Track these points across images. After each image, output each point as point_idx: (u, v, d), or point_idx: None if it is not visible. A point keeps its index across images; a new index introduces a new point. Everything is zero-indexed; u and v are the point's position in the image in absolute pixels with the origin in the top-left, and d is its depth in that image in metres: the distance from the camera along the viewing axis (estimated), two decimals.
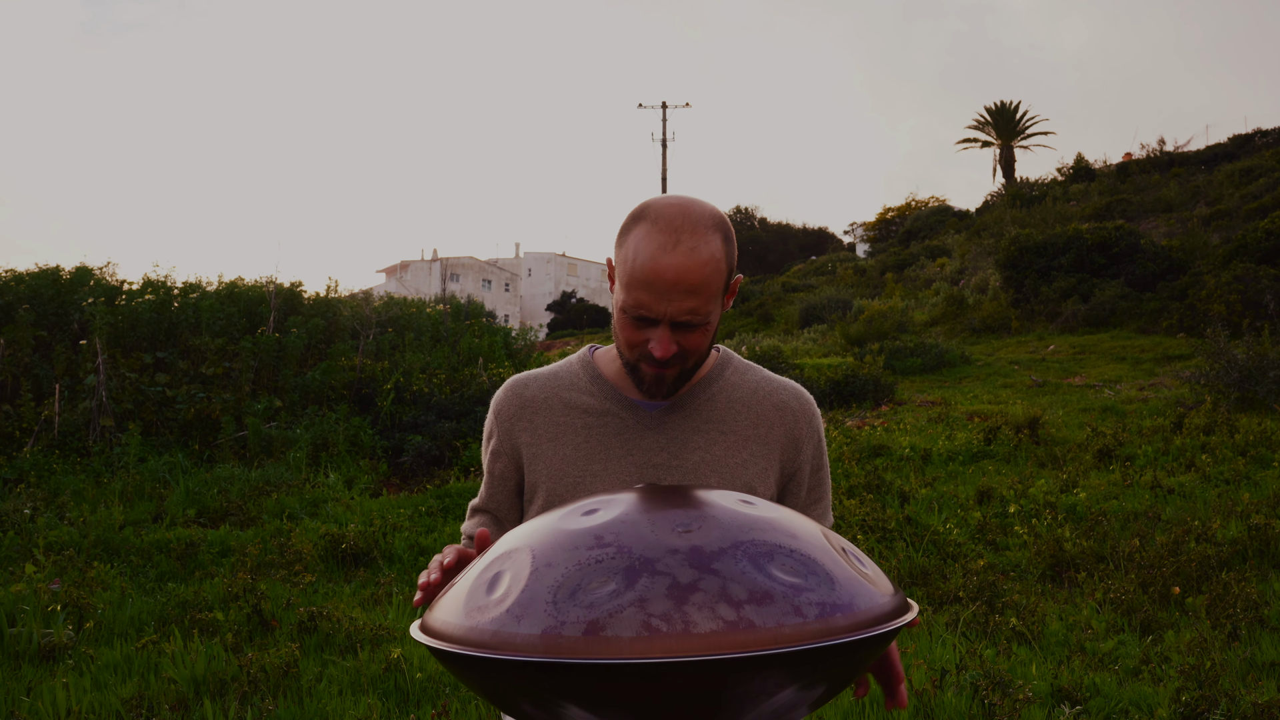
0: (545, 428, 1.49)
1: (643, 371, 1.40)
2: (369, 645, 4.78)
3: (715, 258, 1.32)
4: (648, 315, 1.33)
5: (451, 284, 50.52)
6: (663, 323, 1.33)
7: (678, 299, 1.31)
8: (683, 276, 1.30)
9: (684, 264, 1.30)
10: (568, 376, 1.53)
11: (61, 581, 5.65)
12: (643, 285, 1.31)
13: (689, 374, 1.43)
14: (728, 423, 1.49)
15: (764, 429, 1.50)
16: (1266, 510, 6.58)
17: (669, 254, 1.30)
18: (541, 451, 1.48)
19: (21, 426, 9.41)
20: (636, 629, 0.79)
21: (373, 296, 16.14)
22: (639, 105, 42.11)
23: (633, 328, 1.36)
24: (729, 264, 1.37)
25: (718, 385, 1.51)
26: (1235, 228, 21.30)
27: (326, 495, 8.19)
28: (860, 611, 0.86)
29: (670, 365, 1.38)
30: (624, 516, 0.91)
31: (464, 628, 0.87)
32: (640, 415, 1.47)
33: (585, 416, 1.48)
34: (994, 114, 39.76)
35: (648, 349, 1.36)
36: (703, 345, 1.39)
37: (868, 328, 19.46)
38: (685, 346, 1.37)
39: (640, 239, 1.33)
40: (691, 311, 1.32)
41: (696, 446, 1.46)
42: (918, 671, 4.00)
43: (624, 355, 1.42)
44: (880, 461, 9.03)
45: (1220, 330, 11.56)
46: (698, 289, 1.31)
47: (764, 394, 1.53)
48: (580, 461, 1.46)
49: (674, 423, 1.47)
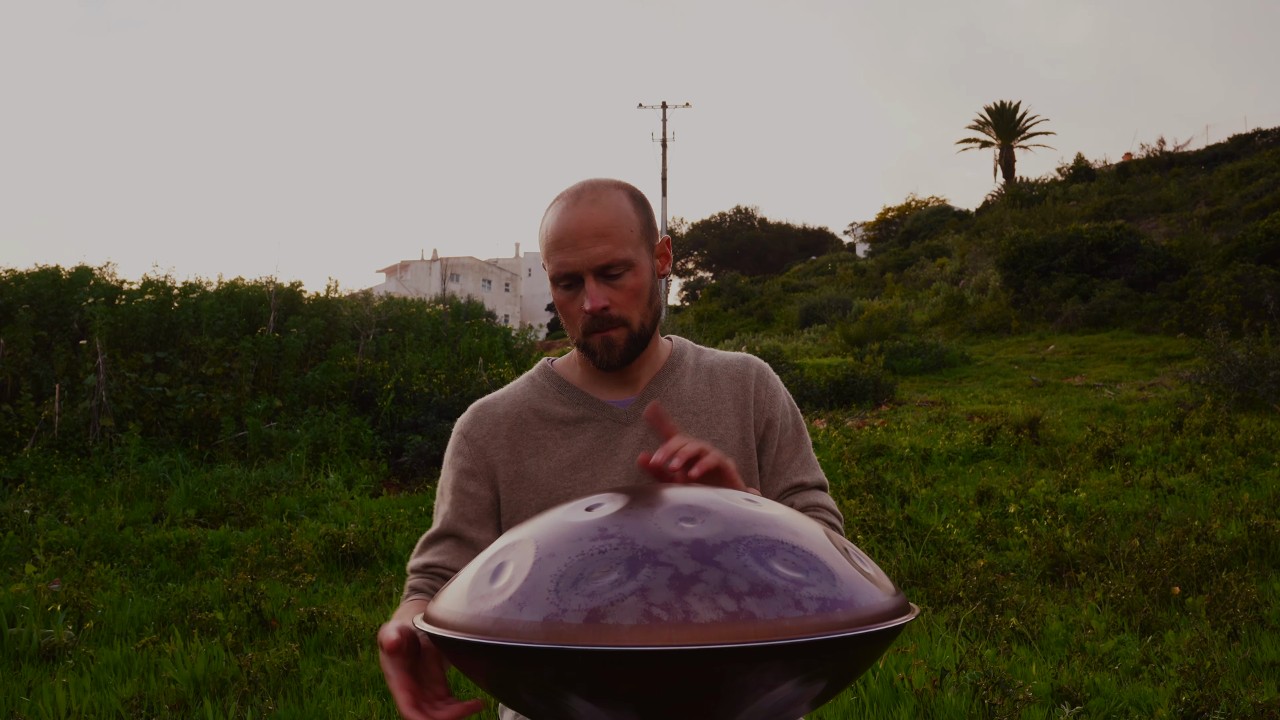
0: (524, 443, 1.47)
1: (592, 344, 1.42)
2: (369, 645, 4.78)
3: (619, 206, 1.38)
4: (569, 272, 1.37)
5: (451, 284, 50.53)
6: (586, 275, 1.37)
7: (587, 244, 1.35)
8: (586, 223, 1.36)
9: (586, 213, 1.36)
10: (534, 389, 1.52)
11: (61, 581, 5.65)
12: (556, 245, 1.37)
13: (638, 339, 1.43)
14: (697, 403, 1.51)
15: (729, 401, 1.53)
16: (1266, 510, 6.58)
17: (570, 210, 1.37)
18: (524, 468, 1.46)
19: (21, 426, 9.42)
20: (638, 618, 0.80)
21: (373, 296, 16.16)
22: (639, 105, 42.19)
23: (565, 297, 1.40)
24: (641, 219, 1.41)
25: (679, 371, 1.53)
26: (1235, 228, 21.32)
27: (326, 495, 8.20)
28: (861, 608, 0.87)
29: (611, 324, 1.40)
30: (627, 510, 0.92)
31: (466, 615, 0.88)
32: (615, 414, 1.48)
33: (562, 426, 1.48)
34: (994, 114, 39.79)
35: (583, 310, 1.38)
36: (636, 298, 1.40)
37: (868, 328, 19.47)
38: (616, 300, 1.39)
39: (549, 214, 1.40)
40: (606, 255, 1.36)
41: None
42: (918, 671, 4.00)
43: (574, 337, 1.44)
44: (880, 461, 9.03)
45: (1220, 330, 11.57)
46: (605, 232, 1.36)
47: (720, 369, 1.56)
48: (566, 472, 1.45)
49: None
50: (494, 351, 13.09)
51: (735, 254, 48.57)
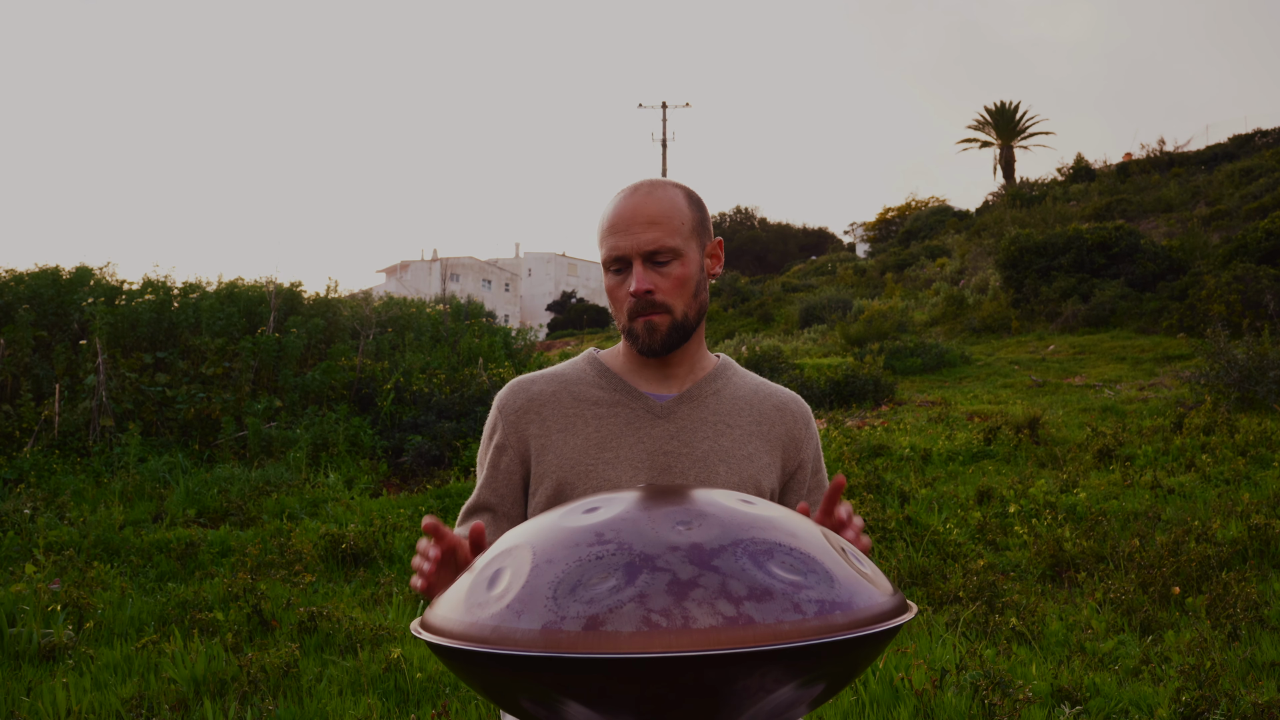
0: (554, 419, 1.52)
1: (635, 328, 1.47)
2: (369, 645, 4.78)
3: (673, 199, 1.46)
4: (619, 254, 1.44)
5: (451, 284, 50.51)
6: (634, 259, 1.43)
7: (639, 230, 1.43)
8: (640, 209, 1.44)
9: (642, 200, 1.45)
10: (574, 373, 1.57)
11: (61, 581, 5.65)
12: (610, 230, 1.45)
13: (680, 328, 1.48)
14: (733, 417, 1.54)
15: (766, 426, 1.55)
16: (1266, 510, 6.58)
17: (628, 199, 1.45)
18: (551, 443, 1.51)
19: (21, 426, 9.42)
20: (636, 624, 0.80)
21: (373, 296, 16.14)
22: (639, 105, 42.26)
23: (615, 281, 1.46)
24: (694, 215, 1.48)
25: (721, 382, 1.57)
26: (1235, 228, 21.31)
27: (326, 495, 8.20)
28: (859, 610, 0.87)
29: (655, 309, 1.45)
30: (625, 514, 0.92)
31: (464, 623, 0.88)
32: (650, 405, 1.52)
33: (595, 408, 1.52)
34: (994, 114, 39.76)
35: (629, 293, 1.44)
36: (681, 288, 1.46)
37: (868, 328, 19.46)
38: (661, 286, 1.44)
39: (607, 204, 1.48)
40: (655, 242, 1.42)
41: (705, 436, 1.51)
42: (918, 671, 4.00)
43: (619, 321, 1.50)
44: (880, 461, 9.03)
45: (1220, 330, 11.56)
46: (658, 219, 1.43)
47: (764, 395, 1.59)
48: (591, 450, 1.48)
49: (683, 413, 1.52)
50: (494, 351, 13.08)
51: (735, 254, 48.53)
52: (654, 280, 1.43)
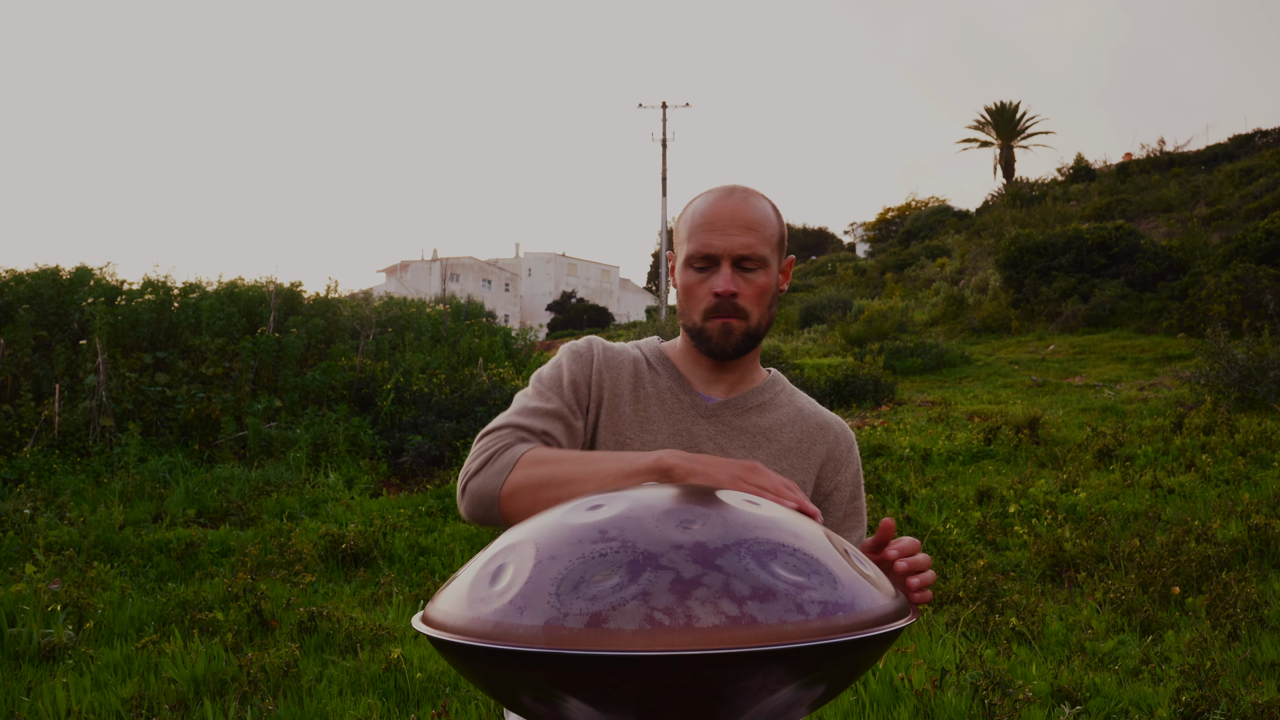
0: (621, 386, 1.54)
1: (709, 329, 1.48)
2: (369, 645, 4.78)
3: (766, 210, 1.49)
4: (710, 253, 1.45)
5: (451, 284, 50.51)
6: (724, 260, 1.45)
7: (735, 233, 1.44)
8: (739, 212, 1.45)
9: (739, 204, 1.46)
10: (641, 353, 1.59)
11: (61, 581, 5.65)
12: (703, 228, 1.45)
13: (753, 335, 1.49)
14: (774, 432, 1.56)
15: (806, 444, 1.57)
16: (1266, 510, 6.58)
17: (725, 200, 1.47)
18: (608, 404, 1.52)
19: (21, 426, 9.42)
20: (639, 622, 0.80)
21: (373, 296, 16.13)
22: (639, 105, 42.23)
23: (696, 277, 1.47)
24: (780, 229, 1.51)
25: (768, 396, 1.59)
26: (1235, 228, 21.31)
27: (326, 495, 8.20)
28: (862, 611, 0.87)
29: (735, 313, 1.46)
30: (629, 512, 0.92)
31: (466, 619, 0.88)
32: (697, 402, 1.54)
33: (650, 388, 1.55)
34: (994, 114, 39.77)
35: (711, 293, 1.45)
36: (761, 297, 1.48)
37: (868, 328, 19.46)
38: (744, 291, 1.46)
39: (698, 202, 1.49)
40: (748, 248, 1.44)
41: (741, 445, 1.52)
42: (918, 671, 4.00)
43: (689, 319, 1.50)
44: (880, 461, 9.03)
45: (1220, 330, 11.56)
46: (753, 226, 1.45)
47: (809, 414, 1.60)
48: (635, 426, 1.51)
49: (726, 418, 1.54)
50: (494, 351, 13.08)
51: None
52: (739, 284, 1.45)
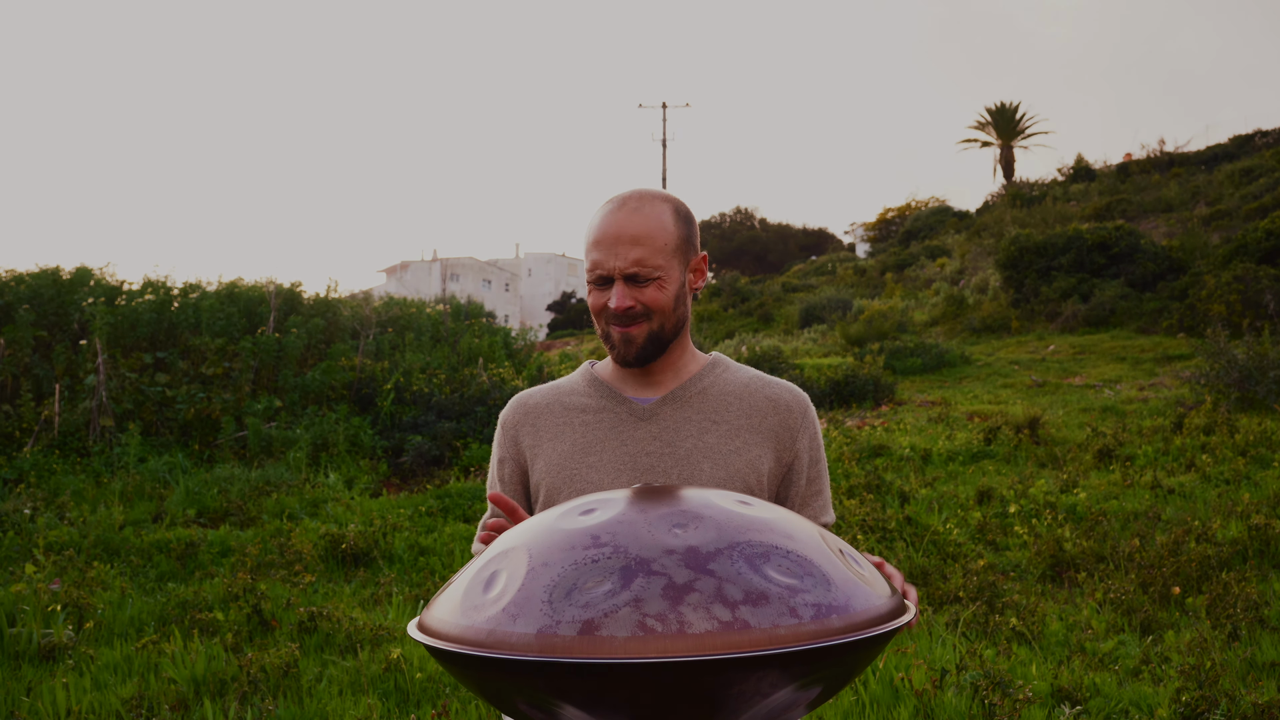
0: (546, 429, 1.58)
1: (613, 337, 1.50)
2: (369, 645, 4.78)
3: (660, 217, 1.46)
4: (603, 273, 1.46)
5: (451, 284, 50.49)
6: (616, 278, 1.45)
7: (624, 249, 1.44)
8: (625, 229, 1.44)
9: (627, 219, 1.45)
10: (569, 385, 1.63)
11: (61, 581, 5.65)
12: (594, 245, 1.46)
13: (660, 338, 1.50)
14: (720, 413, 1.56)
15: (757, 419, 1.56)
16: (1266, 510, 6.58)
17: (614, 214, 1.46)
18: (541, 450, 1.56)
19: (21, 426, 9.42)
20: (632, 629, 0.80)
21: (373, 296, 16.14)
22: (639, 105, 42.28)
23: (596, 293, 1.49)
24: (680, 233, 1.48)
25: (709, 380, 1.58)
26: (1235, 228, 21.29)
27: (326, 495, 8.20)
28: (856, 613, 0.86)
29: (633, 322, 1.47)
30: (621, 516, 0.92)
31: (460, 626, 0.88)
32: (634, 409, 1.55)
33: (582, 415, 1.56)
34: (994, 114, 39.73)
35: (609, 308, 1.47)
36: (662, 302, 1.48)
37: (868, 328, 19.45)
38: (643, 301, 1.46)
39: (594, 215, 1.49)
40: (639, 263, 1.43)
41: (688, 435, 1.53)
42: (918, 671, 4.00)
43: (600, 332, 1.53)
44: (880, 461, 9.02)
45: (1220, 330, 11.56)
46: (641, 239, 1.44)
47: (756, 388, 1.60)
48: (576, 455, 1.53)
49: (666, 414, 1.54)
50: (494, 351, 13.07)
51: (735, 254, 48.49)
52: (634, 297, 1.46)
